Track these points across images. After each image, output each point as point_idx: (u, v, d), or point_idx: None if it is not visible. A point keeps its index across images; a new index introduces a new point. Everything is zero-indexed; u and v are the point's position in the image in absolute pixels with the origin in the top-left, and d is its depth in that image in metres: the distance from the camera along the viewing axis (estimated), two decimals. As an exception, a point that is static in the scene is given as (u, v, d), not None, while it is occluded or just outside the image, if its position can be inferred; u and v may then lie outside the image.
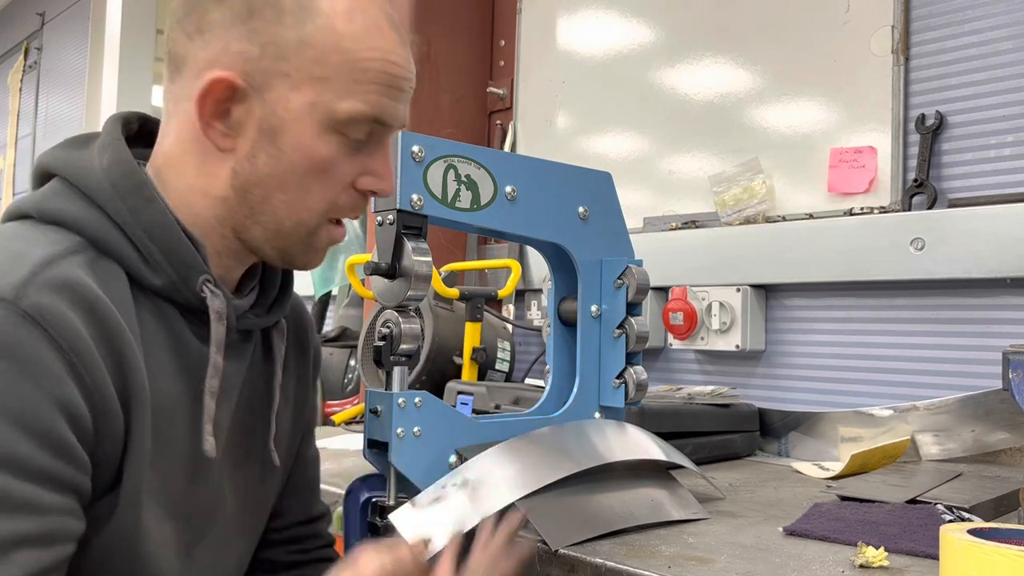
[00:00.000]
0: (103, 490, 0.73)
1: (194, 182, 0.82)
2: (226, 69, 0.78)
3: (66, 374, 0.68)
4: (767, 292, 1.75)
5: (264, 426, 0.93)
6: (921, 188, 1.54)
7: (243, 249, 0.85)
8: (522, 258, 2.14)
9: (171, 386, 0.80)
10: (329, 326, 2.43)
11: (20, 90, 4.90)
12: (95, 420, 0.71)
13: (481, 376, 1.85)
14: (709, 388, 1.62)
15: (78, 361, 0.69)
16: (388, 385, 0.98)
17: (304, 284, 2.41)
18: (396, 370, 0.97)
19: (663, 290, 1.83)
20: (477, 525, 0.90)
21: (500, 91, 2.34)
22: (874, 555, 0.85)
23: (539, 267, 2.11)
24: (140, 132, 0.88)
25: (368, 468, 1.03)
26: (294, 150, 0.80)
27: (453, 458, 1.00)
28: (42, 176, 0.84)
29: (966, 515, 1.02)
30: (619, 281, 1.15)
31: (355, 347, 2.06)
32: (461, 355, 1.84)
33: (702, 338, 1.77)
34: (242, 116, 0.79)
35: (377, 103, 0.81)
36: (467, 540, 0.92)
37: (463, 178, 1.02)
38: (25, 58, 4.84)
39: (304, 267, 0.88)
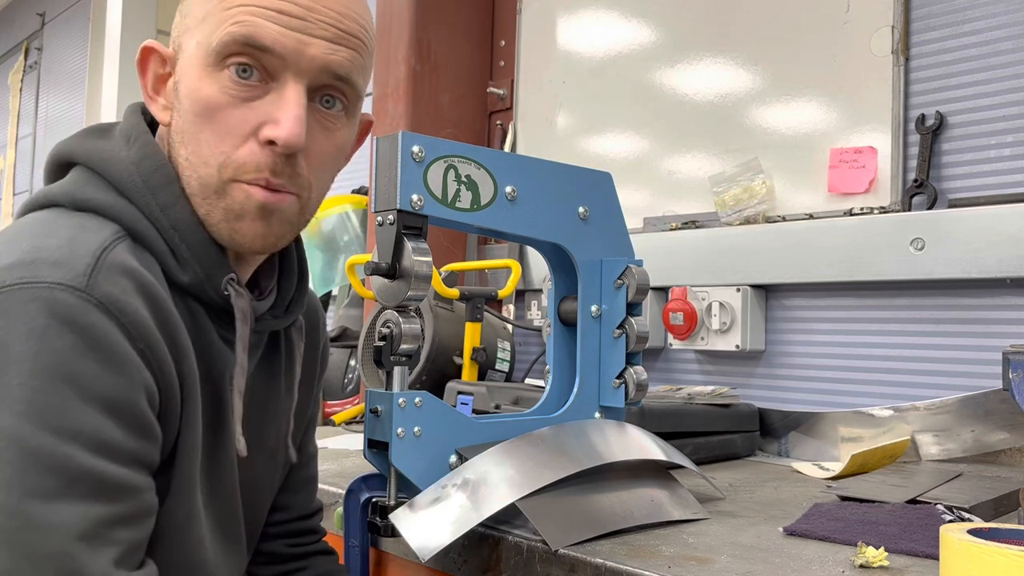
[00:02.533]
0: (158, 471, 0.75)
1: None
2: (166, 47, 0.82)
3: (140, 361, 0.70)
4: (767, 292, 1.75)
5: (276, 423, 0.94)
6: (921, 188, 1.54)
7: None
8: (522, 258, 2.14)
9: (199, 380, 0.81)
10: (329, 326, 2.44)
11: (20, 90, 4.90)
12: (162, 402, 0.73)
13: (481, 376, 1.85)
14: (709, 388, 1.62)
15: (147, 349, 0.71)
16: (388, 385, 0.98)
17: (304, 284, 2.41)
18: (396, 370, 0.97)
19: (663, 290, 1.83)
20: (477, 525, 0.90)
21: (500, 91, 2.34)
22: (874, 555, 0.85)
23: (539, 267, 2.11)
24: (152, 124, 0.87)
25: (368, 468, 1.03)
26: (187, 98, 0.79)
27: (453, 458, 1.00)
28: (60, 165, 0.83)
29: (966, 515, 1.02)
30: (619, 281, 1.15)
31: (355, 347, 2.06)
32: (461, 355, 1.84)
33: (702, 338, 1.77)
34: (170, 85, 0.82)
35: (250, 23, 0.76)
36: (466, 540, 0.92)
37: (463, 178, 1.02)
38: (25, 58, 4.84)
39: (234, 241, 0.80)
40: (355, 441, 1.66)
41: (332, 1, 0.79)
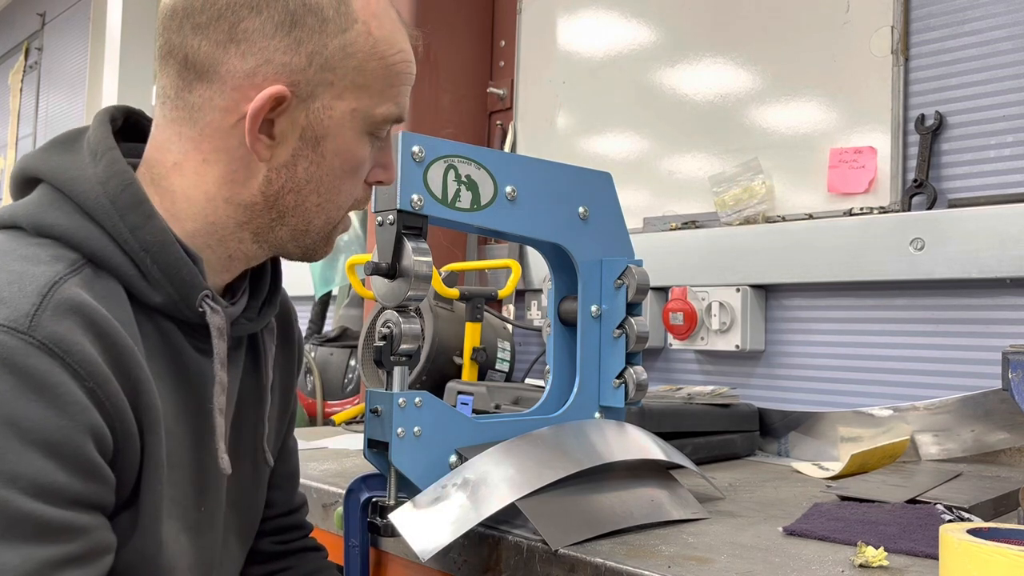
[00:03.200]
0: (121, 506, 0.74)
1: (216, 191, 0.81)
2: (272, 81, 0.77)
3: (88, 401, 0.68)
4: (767, 292, 1.75)
5: (253, 427, 0.93)
6: (921, 188, 1.54)
7: (257, 252, 0.85)
8: (522, 258, 2.15)
9: (173, 401, 0.80)
10: (329, 326, 2.43)
11: (20, 90, 4.90)
12: (116, 441, 0.72)
13: (481, 376, 1.86)
14: (709, 388, 1.62)
15: (97, 388, 0.69)
16: (388, 385, 0.98)
17: (304, 284, 2.41)
18: (396, 370, 0.97)
19: (663, 290, 1.83)
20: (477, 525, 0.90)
21: (500, 91, 2.34)
22: (874, 555, 0.85)
23: (539, 267, 2.11)
24: (124, 125, 0.86)
25: (368, 468, 1.04)
26: (335, 155, 0.82)
27: (453, 458, 1.00)
28: (26, 181, 0.81)
29: (966, 515, 1.02)
30: (619, 281, 1.15)
31: (355, 347, 2.06)
32: (461, 355, 1.84)
33: (702, 338, 1.77)
34: (286, 126, 0.80)
35: (403, 103, 0.85)
36: (466, 539, 0.92)
37: (463, 178, 1.02)
38: (26, 58, 4.85)
39: (321, 258, 0.91)
40: (355, 441, 1.66)
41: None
